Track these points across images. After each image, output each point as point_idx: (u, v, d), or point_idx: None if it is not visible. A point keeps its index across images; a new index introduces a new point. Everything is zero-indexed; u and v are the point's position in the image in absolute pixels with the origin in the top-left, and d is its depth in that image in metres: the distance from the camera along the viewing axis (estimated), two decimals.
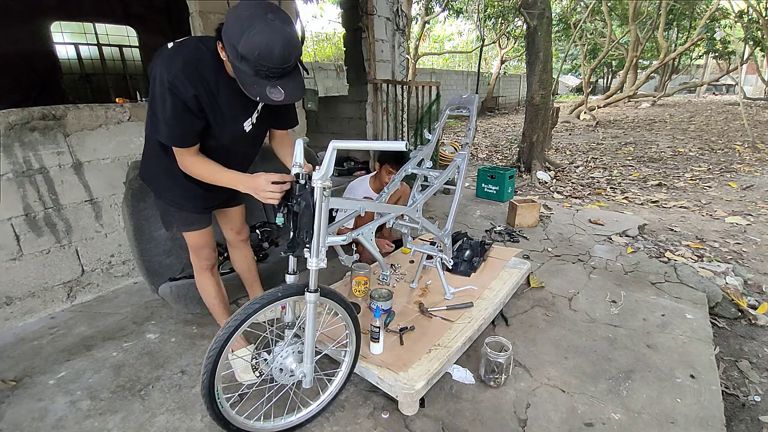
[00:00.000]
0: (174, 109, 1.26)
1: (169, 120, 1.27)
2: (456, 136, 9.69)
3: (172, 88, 1.23)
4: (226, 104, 1.36)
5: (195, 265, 1.77)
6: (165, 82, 1.23)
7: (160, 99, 1.25)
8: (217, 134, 1.41)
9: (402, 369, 1.62)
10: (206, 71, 1.29)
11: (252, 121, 1.47)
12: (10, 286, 2.23)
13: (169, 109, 1.25)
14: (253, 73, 1.16)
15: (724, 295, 2.43)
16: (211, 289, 1.80)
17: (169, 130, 1.29)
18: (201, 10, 2.77)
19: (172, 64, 1.24)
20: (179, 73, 1.23)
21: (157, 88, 1.24)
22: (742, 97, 9.17)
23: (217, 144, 1.44)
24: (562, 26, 14.62)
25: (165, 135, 1.31)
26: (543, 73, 5.28)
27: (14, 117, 2.12)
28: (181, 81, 1.23)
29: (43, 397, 1.73)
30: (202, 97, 1.29)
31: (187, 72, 1.24)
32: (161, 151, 1.49)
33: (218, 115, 1.36)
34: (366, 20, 4.70)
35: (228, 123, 1.41)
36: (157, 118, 1.28)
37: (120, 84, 7.53)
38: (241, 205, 1.84)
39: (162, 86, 1.23)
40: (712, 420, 1.54)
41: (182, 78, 1.24)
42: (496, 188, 4.36)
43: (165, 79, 1.23)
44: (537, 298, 2.42)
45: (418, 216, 1.91)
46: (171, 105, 1.25)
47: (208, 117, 1.34)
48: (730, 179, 5.30)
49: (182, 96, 1.25)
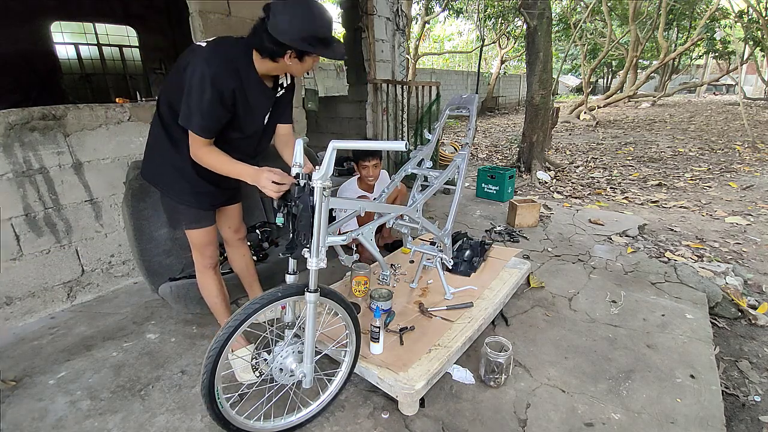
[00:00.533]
0: (211, 101, 1.33)
1: (204, 111, 1.35)
2: (456, 136, 9.69)
3: (214, 81, 1.32)
4: (255, 99, 1.48)
5: (198, 264, 1.77)
6: (207, 76, 1.31)
7: (198, 91, 1.32)
8: (243, 127, 1.51)
9: (402, 369, 1.62)
10: (242, 68, 1.40)
11: (268, 115, 1.59)
12: (10, 286, 2.23)
13: (206, 101, 1.33)
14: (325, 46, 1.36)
15: (724, 295, 2.43)
16: (214, 288, 1.81)
17: (201, 120, 1.36)
18: (201, 10, 2.77)
19: (213, 59, 1.34)
20: (221, 68, 1.33)
21: (195, 82, 1.32)
22: (742, 97, 9.17)
23: (241, 136, 1.53)
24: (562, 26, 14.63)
25: (197, 124, 1.37)
26: (543, 73, 5.28)
27: (14, 117, 2.12)
28: (222, 75, 1.33)
29: (43, 397, 1.73)
30: (238, 91, 1.39)
31: (227, 67, 1.36)
32: (171, 149, 1.52)
33: (247, 109, 1.47)
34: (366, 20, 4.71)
35: (254, 116, 1.53)
36: (192, 109, 1.35)
37: (120, 84, 7.53)
38: (239, 204, 1.86)
39: (203, 80, 1.31)
40: (712, 420, 1.54)
41: (223, 72, 1.34)
42: (496, 188, 4.36)
43: (207, 73, 1.31)
44: (537, 298, 2.42)
45: (418, 216, 1.91)
46: (209, 97, 1.32)
47: (238, 110, 1.44)
48: (730, 179, 5.30)
49: (222, 89, 1.34)
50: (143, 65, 7.65)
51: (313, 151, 3.06)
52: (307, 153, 1.61)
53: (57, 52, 6.66)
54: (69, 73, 6.97)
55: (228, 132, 1.47)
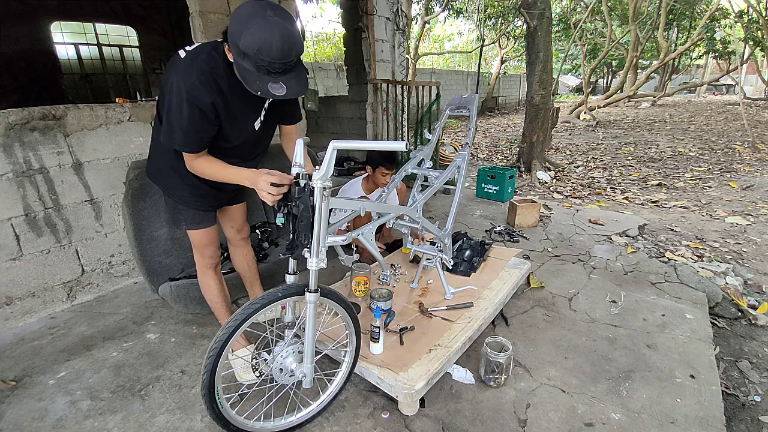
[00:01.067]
0: (191, 117, 1.29)
1: (186, 128, 1.30)
2: (456, 136, 9.69)
3: (189, 98, 1.26)
4: (238, 107, 1.40)
5: (198, 264, 1.77)
6: (183, 92, 1.26)
7: (176, 108, 1.28)
8: (230, 136, 1.45)
9: (402, 369, 1.62)
10: (220, 78, 1.32)
11: (260, 119, 1.52)
12: (10, 286, 2.23)
13: (186, 118, 1.28)
14: (255, 70, 1.18)
15: (724, 295, 2.43)
16: (214, 288, 1.81)
17: (184, 137, 1.33)
18: (201, 10, 2.77)
19: (189, 74, 1.27)
20: (196, 83, 1.26)
21: (174, 98, 1.27)
22: (742, 97, 9.16)
23: (230, 145, 1.48)
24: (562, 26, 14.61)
25: (180, 143, 1.34)
26: (543, 73, 5.28)
27: (14, 117, 2.12)
28: (198, 90, 1.27)
29: (43, 397, 1.73)
30: (218, 104, 1.33)
31: (203, 81, 1.28)
32: (171, 153, 1.52)
33: (231, 119, 1.41)
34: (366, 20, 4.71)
35: (240, 125, 1.46)
36: (173, 126, 1.31)
37: (120, 84, 7.54)
38: (242, 203, 1.86)
39: (179, 96, 1.26)
40: (712, 420, 1.54)
41: (199, 87, 1.27)
42: (496, 188, 4.36)
43: (182, 89, 1.26)
44: (537, 298, 2.42)
45: (418, 216, 1.91)
46: (188, 114, 1.28)
47: (222, 122, 1.38)
48: (730, 179, 5.30)
49: (200, 105, 1.28)
50: (143, 65, 7.66)
51: (313, 152, 3.06)
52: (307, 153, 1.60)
53: (57, 52, 6.67)
54: (69, 73, 6.97)
55: (218, 142, 1.44)
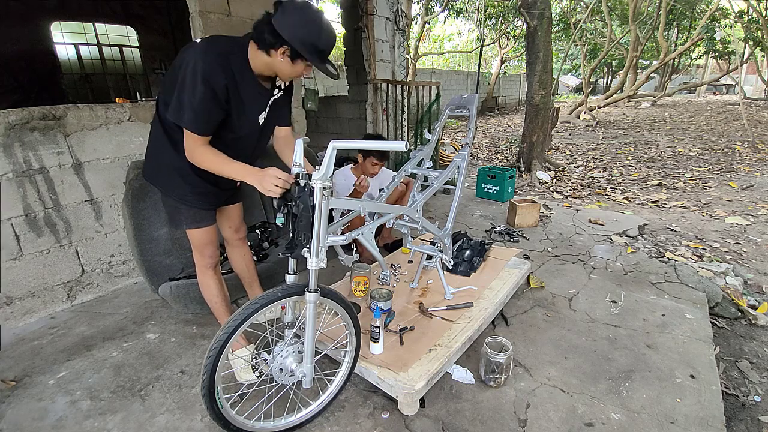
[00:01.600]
0: (203, 96, 1.31)
1: (197, 107, 1.32)
2: (456, 136, 9.69)
3: (206, 76, 1.30)
4: (248, 96, 1.45)
5: (198, 264, 1.77)
6: (198, 70, 1.29)
7: (190, 86, 1.30)
8: (237, 126, 1.48)
9: (402, 369, 1.62)
10: (235, 64, 1.38)
11: (264, 115, 1.56)
12: (10, 286, 2.23)
13: (198, 95, 1.31)
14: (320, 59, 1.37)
15: (724, 295, 2.43)
16: (214, 288, 1.81)
17: (194, 116, 1.34)
18: (201, 10, 2.77)
19: (206, 54, 1.32)
20: (214, 63, 1.31)
21: (188, 76, 1.30)
22: (742, 97, 9.16)
23: (234, 136, 1.51)
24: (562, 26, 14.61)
25: (188, 120, 1.35)
26: (543, 73, 5.28)
27: (14, 117, 2.12)
28: (214, 70, 1.31)
29: (43, 397, 1.73)
30: (230, 87, 1.37)
31: (220, 62, 1.33)
32: (170, 149, 1.51)
33: (240, 107, 1.44)
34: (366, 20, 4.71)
35: (247, 115, 1.50)
36: (183, 104, 1.33)
37: (120, 84, 7.53)
38: (239, 203, 1.86)
39: (194, 74, 1.29)
40: (712, 420, 1.54)
41: (216, 67, 1.32)
42: (496, 188, 4.36)
43: (199, 67, 1.29)
44: (537, 298, 2.42)
45: (418, 216, 1.91)
46: (201, 92, 1.30)
47: (231, 108, 1.41)
48: (730, 179, 5.30)
49: (214, 84, 1.31)
50: (143, 65, 7.65)
51: (313, 152, 3.06)
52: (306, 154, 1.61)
53: (57, 52, 6.66)
54: (69, 73, 6.97)
55: (222, 132, 1.45)
